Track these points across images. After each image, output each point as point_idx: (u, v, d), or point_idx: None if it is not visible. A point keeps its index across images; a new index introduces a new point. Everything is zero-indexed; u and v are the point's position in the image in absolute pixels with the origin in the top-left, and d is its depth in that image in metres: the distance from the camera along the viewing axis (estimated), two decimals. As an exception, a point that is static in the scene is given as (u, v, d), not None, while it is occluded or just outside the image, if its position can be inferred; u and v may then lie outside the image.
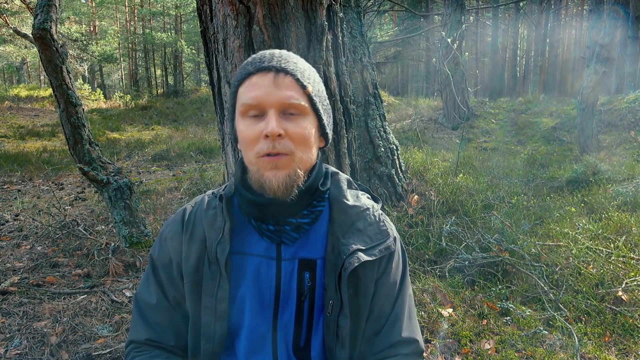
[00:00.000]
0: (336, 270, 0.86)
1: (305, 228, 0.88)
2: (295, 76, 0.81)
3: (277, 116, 0.79)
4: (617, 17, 6.05)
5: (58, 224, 4.15)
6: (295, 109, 0.81)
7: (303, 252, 0.89)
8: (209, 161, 8.13)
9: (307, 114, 0.83)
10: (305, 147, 0.82)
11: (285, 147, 0.79)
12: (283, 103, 0.79)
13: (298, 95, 0.81)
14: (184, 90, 23.33)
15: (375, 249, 0.88)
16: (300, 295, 0.88)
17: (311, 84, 0.83)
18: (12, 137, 10.44)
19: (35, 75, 32.44)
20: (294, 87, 0.81)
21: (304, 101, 0.82)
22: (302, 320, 0.89)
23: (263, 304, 0.89)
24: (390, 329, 0.91)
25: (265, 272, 0.89)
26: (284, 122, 0.80)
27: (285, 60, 0.83)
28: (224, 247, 0.86)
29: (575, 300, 2.62)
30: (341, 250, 0.86)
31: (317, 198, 0.89)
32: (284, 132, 0.79)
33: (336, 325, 0.87)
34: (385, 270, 0.91)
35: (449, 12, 9.12)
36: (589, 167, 4.81)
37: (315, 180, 0.87)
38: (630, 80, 11.16)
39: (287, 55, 0.85)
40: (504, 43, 22.95)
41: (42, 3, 3.27)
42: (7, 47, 21.28)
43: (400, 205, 4.00)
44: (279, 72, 0.80)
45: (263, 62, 0.81)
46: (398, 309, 0.93)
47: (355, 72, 4.05)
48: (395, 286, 0.93)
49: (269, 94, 0.79)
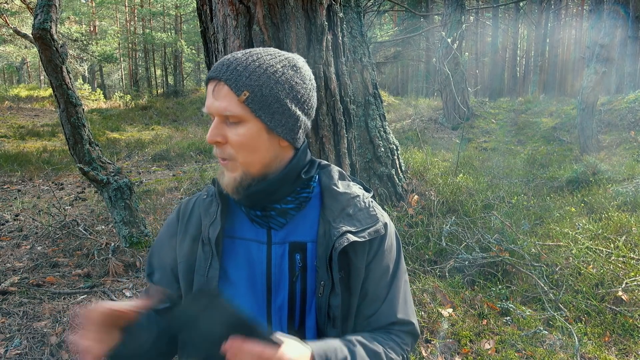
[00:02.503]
0: (327, 251, 0.90)
1: (291, 214, 0.93)
2: (230, 85, 0.82)
3: (218, 124, 0.84)
4: (617, 17, 6.05)
5: (58, 224, 4.15)
6: (231, 118, 0.84)
7: (294, 236, 0.93)
8: (209, 161, 8.13)
9: (246, 120, 0.84)
10: (246, 152, 0.85)
11: (227, 153, 0.85)
12: (219, 111, 0.83)
13: (232, 104, 0.82)
14: (184, 90, 23.32)
15: (364, 231, 0.91)
16: (292, 277, 0.91)
17: (250, 88, 0.82)
18: (12, 137, 10.44)
19: (35, 75, 32.45)
20: (228, 97, 0.82)
21: (239, 109, 0.82)
22: (295, 303, 0.92)
23: (256, 287, 0.93)
24: (386, 310, 0.95)
25: (256, 255, 0.93)
26: (225, 129, 0.84)
27: (227, 67, 0.83)
28: (215, 227, 0.92)
29: (575, 300, 2.62)
30: (332, 233, 0.90)
31: (300, 185, 0.93)
32: (222, 139, 0.84)
33: (327, 305, 0.90)
34: (377, 254, 0.94)
35: (449, 12, 9.12)
36: (589, 167, 4.81)
37: (292, 170, 0.91)
38: (630, 80, 11.16)
39: (233, 61, 0.84)
40: (504, 43, 22.95)
41: (42, 3, 3.27)
42: (7, 47, 21.29)
43: (400, 205, 4.00)
44: (219, 82, 0.83)
45: (214, 71, 0.85)
46: (393, 293, 0.96)
47: (355, 72, 4.05)
48: (388, 270, 0.96)
49: (210, 102, 0.84)
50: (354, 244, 0.90)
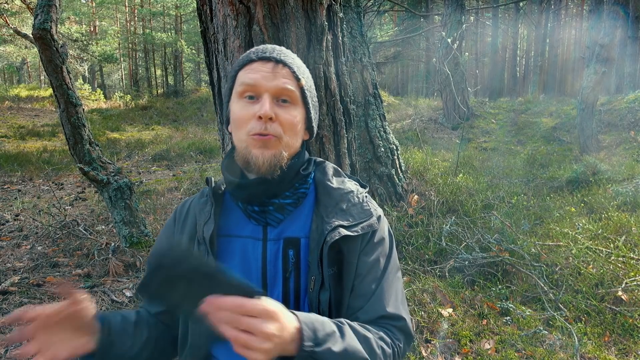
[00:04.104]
0: (319, 246, 0.89)
1: (288, 209, 0.94)
2: (292, 69, 0.90)
3: (271, 101, 0.87)
4: (617, 17, 6.05)
5: (58, 224, 4.15)
6: (288, 96, 0.89)
7: (288, 232, 0.93)
8: (209, 161, 8.13)
9: (298, 104, 0.91)
10: (292, 134, 0.90)
11: (275, 130, 0.87)
12: (279, 88, 0.88)
13: (293, 85, 0.89)
14: (184, 90, 23.31)
15: (357, 226, 0.91)
16: (285, 273, 0.91)
17: (305, 79, 0.92)
18: (12, 137, 10.44)
19: (36, 75, 32.44)
20: (290, 78, 0.89)
21: (297, 91, 0.90)
22: (289, 300, 0.92)
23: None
24: (375, 304, 0.91)
25: (252, 252, 0.93)
26: (276, 108, 0.88)
27: (285, 54, 0.92)
28: (209, 226, 0.93)
29: (575, 300, 2.62)
30: (324, 228, 0.90)
31: (299, 181, 0.95)
32: (275, 116, 0.87)
33: (317, 300, 0.89)
34: (367, 246, 0.93)
35: (449, 12, 9.12)
36: (588, 167, 4.81)
37: (296, 164, 0.94)
38: (630, 80, 11.16)
39: (287, 51, 0.95)
40: (504, 43, 22.95)
41: (42, 3, 3.27)
42: (8, 47, 21.27)
43: (400, 205, 4.00)
44: (279, 63, 0.89)
45: (265, 52, 0.91)
46: (383, 287, 0.93)
47: (355, 72, 4.05)
48: (378, 264, 0.94)
49: (267, 79, 0.87)
50: (347, 238, 0.89)
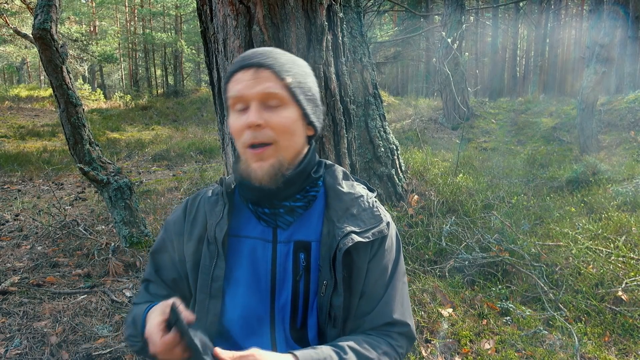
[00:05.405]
0: (331, 251, 0.90)
1: (299, 212, 0.93)
2: (274, 69, 0.87)
3: (258, 108, 0.85)
4: (617, 17, 6.05)
5: (58, 224, 4.15)
6: (274, 98, 0.86)
7: (298, 235, 0.93)
8: (209, 161, 8.13)
9: (288, 104, 0.88)
10: (287, 135, 0.87)
11: (266, 136, 0.85)
12: (262, 94, 0.85)
13: (276, 86, 0.86)
14: (184, 90, 23.30)
15: (368, 232, 0.92)
16: (296, 276, 0.92)
17: (291, 76, 0.88)
18: (12, 137, 10.44)
19: (36, 75, 32.42)
20: (272, 79, 0.86)
21: (283, 91, 0.87)
22: (298, 302, 0.92)
23: (259, 286, 0.92)
24: (382, 310, 0.93)
25: (262, 254, 0.93)
26: (265, 113, 0.85)
27: (265, 56, 0.89)
28: (222, 227, 0.92)
29: (575, 300, 2.62)
30: (336, 233, 0.90)
31: (309, 184, 0.94)
32: (264, 122, 0.84)
33: (329, 304, 0.90)
34: (377, 253, 0.94)
35: (449, 12, 9.12)
36: (588, 167, 4.81)
37: (306, 167, 0.93)
38: (630, 80, 11.15)
39: (270, 51, 0.91)
40: (504, 43, 22.94)
41: (42, 3, 3.27)
42: (7, 47, 21.26)
43: (400, 205, 4.00)
44: (259, 67, 0.86)
45: (245, 60, 0.88)
46: (390, 293, 0.95)
47: (355, 72, 4.05)
48: (387, 270, 0.95)
49: (249, 87, 0.85)
50: (357, 244, 0.89)
